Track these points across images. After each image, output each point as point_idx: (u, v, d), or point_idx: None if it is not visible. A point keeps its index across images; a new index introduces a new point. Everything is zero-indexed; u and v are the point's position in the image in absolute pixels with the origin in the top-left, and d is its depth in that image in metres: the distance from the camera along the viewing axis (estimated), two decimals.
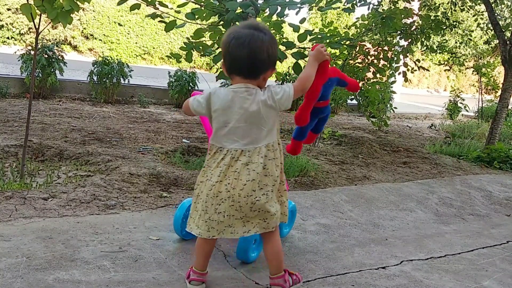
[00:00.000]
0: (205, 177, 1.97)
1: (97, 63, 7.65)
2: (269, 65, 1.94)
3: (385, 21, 5.08)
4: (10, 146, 3.94)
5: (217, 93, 1.94)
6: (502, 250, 3.04)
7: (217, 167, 1.93)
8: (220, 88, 1.99)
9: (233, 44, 1.88)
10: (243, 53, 1.87)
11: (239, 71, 1.91)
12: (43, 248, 2.22)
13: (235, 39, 1.89)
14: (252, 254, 2.33)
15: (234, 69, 1.92)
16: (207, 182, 1.95)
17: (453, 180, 4.64)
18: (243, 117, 1.90)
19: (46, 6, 2.90)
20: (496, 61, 12.00)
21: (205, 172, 1.98)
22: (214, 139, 1.97)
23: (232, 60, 1.91)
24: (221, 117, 1.92)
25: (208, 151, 2.00)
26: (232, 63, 1.92)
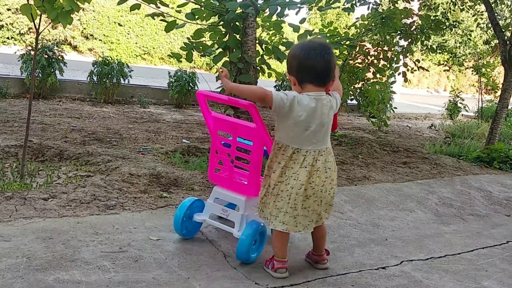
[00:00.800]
0: (284, 177, 2.16)
1: (97, 63, 7.65)
2: (334, 74, 2.19)
3: (384, 21, 5.09)
4: (10, 147, 3.94)
5: (301, 100, 2.11)
6: (502, 250, 3.04)
7: (301, 167, 2.14)
8: (301, 95, 2.13)
9: (312, 55, 2.10)
10: (320, 63, 2.10)
11: (315, 79, 2.13)
12: (43, 248, 2.22)
13: (312, 50, 2.11)
14: (252, 255, 2.33)
15: (310, 77, 2.13)
16: (292, 182, 2.14)
17: (453, 180, 4.64)
18: (322, 121, 2.15)
19: (47, 7, 2.90)
20: (496, 61, 12.01)
21: (283, 172, 2.16)
22: (292, 141, 2.15)
23: (309, 69, 2.11)
24: (303, 122, 2.12)
25: (279, 151, 2.18)
26: (309, 72, 2.12)
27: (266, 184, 2.24)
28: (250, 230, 2.28)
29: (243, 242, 2.26)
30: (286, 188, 2.15)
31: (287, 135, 2.16)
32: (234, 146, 2.38)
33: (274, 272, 2.22)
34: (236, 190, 2.43)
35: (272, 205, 2.19)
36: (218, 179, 2.51)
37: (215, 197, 2.49)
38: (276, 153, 2.20)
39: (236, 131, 2.35)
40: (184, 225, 2.48)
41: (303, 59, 2.12)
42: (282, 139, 2.18)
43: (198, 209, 2.54)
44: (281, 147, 2.17)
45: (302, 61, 2.12)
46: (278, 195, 2.17)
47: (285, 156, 2.15)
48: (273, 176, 2.19)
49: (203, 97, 2.36)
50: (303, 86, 2.14)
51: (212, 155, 2.52)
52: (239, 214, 2.39)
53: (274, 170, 2.19)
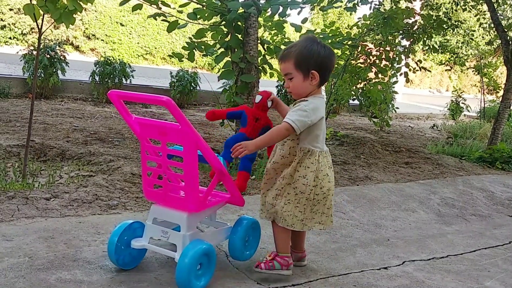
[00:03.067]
0: (317, 181, 2.13)
1: (99, 63, 7.66)
2: None
3: (386, 21, 5.08)
4: (12, 146, 3.95)
5: (321, 104, 2.14)
6: (504, 250, 3.03)
7: (328, 168, 2.17)
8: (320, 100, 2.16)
9: (334, 57, 2.16)
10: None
11: (326, 81, 2.22)
12: (45, 248, 2.22)
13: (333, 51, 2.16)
14: (197, 283, 1.99)
15: (326, 80, 2.19)
16: (326, 184, 2.15)
17: (455, 181, 4.63)
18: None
19: (49, 7, 2.91)
20: (498, 61, 11.98)
21: (316, 176, 2.12)
22: (317, 144, 2.15)
23: (330, 71, 2.16)
24: (323, 124, 2.15)
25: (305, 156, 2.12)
26: (328, 75, 2.17)
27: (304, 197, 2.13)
28: (191, 251, 1.91)
29: (181, 268, 1.89)
30: (318, 192, 2.15)
31: (317, 139, 2.15)
32: (164, 154, 2.03)
33: (286, 270, 2.18)
34: (174, 206, 2.07)
35: (307, 210, 2.15)
36: (154, 195, 2.13)
37: (153, 217, 2.12)
38: (301, 160, 2.13)
39: (165, 135, 1.98)
40: (123, 253, 2.09)
41: (332, 61, 2.15)
42: (314, 145, 2.15)
43: (139, 231, 2.15)
44: (311, 152, 2.14)
45: (332, 63, 2.15)
46: (314, 199, 2.15)
47: (310, 159, 2.13)
48: (304, 182, 2.12)
49: (116, 98, 2.00)
50: (321, 86, 2.18)
51: (144, 167, 2.14)
52: (180, 235, 2.01)
53: (305, 176, 2.12)
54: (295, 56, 2.09)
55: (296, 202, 2.13)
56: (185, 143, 1.93)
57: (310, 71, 2.09)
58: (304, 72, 2.09)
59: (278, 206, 2.15)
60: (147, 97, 1.90)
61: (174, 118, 1.84)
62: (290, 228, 2.14)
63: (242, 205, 2.32)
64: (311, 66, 2.08)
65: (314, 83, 2.11)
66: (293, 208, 2.13)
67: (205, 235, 2.17)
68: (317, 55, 2.09)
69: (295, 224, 2.14)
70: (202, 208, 2.09)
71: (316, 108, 2.09)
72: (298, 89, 2.13)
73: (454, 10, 8.57)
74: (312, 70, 2.09)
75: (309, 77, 2.10)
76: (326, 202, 2.18)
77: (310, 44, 2.10)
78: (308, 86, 2.11)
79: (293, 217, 2.13)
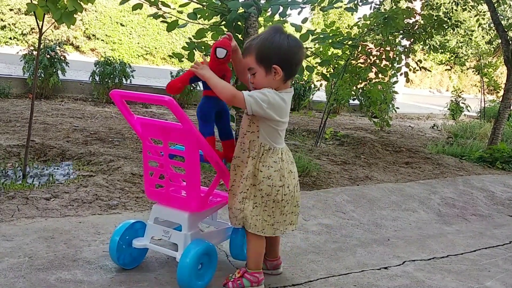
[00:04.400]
0: (283, 180, 2.00)
1: (99, 63, 7.66)
2: None
3: (387, 21, 5.07)
4: (12, 146, 3.95)
5: (288, 100, 2.00)
6: (504, 250, 3.03)
7: (291, 163, 2.06)
8: (287, 94, 2.00)
9: (303, 49, 1.99)
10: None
11: (293, 76, 2.04)
12: (45, 248, 2.22)
13: (300, 43, 1.99)
14: (198, 282, 2.04)
15: (293, 74, 2.02)
16: (292, 181, 2.03)
17: (456, 181, 4.63)
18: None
19: (50, 7, 2.91)
20: (498, 61, 11.98)
21: (282, 175, 2.00)
22: (279, 141, 2.02)
23: (297, 65, 2.00)
24: (286, 118, 2.02)
25: (267, 154, 1.99)
26: (296, 68, 2.00)
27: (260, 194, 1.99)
28: (193, 251, 1.92)
29: (183, 267, 1.89)
30: (286, 192, 2.01)
31: (278, 137, 2.01)
32: (166, 154, 2.02)
33: (257, 287, 2.05)
34: (175, 206, 2.07)
35: (276, 212, 2.01)
36: (156, 194, 2.13)
37: (154, 216, 2.12)
38: (263, 158, 1.99)
39: (167, 135, 1.98)
40: (124, 253, 2.10)
41: (297, 53, 1.96)
42: (277, 142, 2.01)
43: (141, 231, 2.15)
44: (275, 151, 2.00)
45: (297, 56, 1.97)
46: (283, 200, 2.00)
47: (274, 158, 1.98)
48: (269, 183, 1.97)
49: (118, 98, 1.99)
50: (287, 81, 2.00)
51: (146, 167, 2.13)
52: (181, 234, 2.01)
53: (269, 177, 1.97)
54: (256, 49, 1.93)
55: (264, 205, 1.98)
56: (186, 143, 1.93)
57: (272, 66, 1.92)
58: (266, 67, 1.93)
59: (247, 210, 1.99)
60: (149, 97, 1.90)
61: (176, 118, 1.83)
62: (261, 234, 2.00)
63: None
64: (273, 60, 1.92)
65: (277, 78, 1.94)
66: (261, 212, 1.98)
67: (206, 235, 2.16)
68: (278, 48, 1.92)
69: (265, 229, 1.99)
70: (204, 208, 2.08)
71: (277, 102, 1.93)
72: (262, 84, 1.96)
73: (454, 10, 8.57)
74: (274, 65, 1.92)
75: (271, 72, 1.93)
76: (293, 200, 2.04)
77: (272, 36, 1.93)
78: (272, 81, 1.95)
79: (262, 221, 1.99)
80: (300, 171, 4.08)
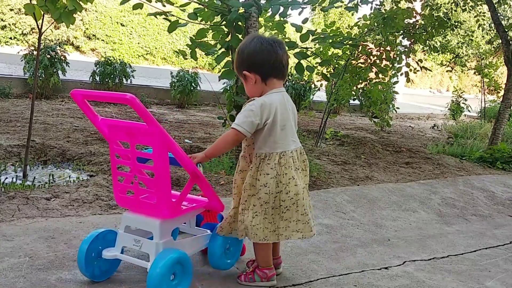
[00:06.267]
0: (281, 186, 1.98)
1: (100, 63, 7.67)
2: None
3: (387, 21, 5.08)
4: (13, 146, 3.95)
5: (270, 100, 1.96)
6: (505, 250, 3.03)
7: (295, 170, 2.01)
8: (268, 96, 1.99)
9: (276, 48, 1.97)
10: (286, 57, 2.01)
11: (281, 74, 2.02)
12: (46, 248, 2.22)
13: (274, 42, 1.98)
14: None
15: (277, 72, 2.00)
16: (292, 188, 1.98)
17: (456, 181, 4.63)
18: (293, 117, 2.05)
19: (49, 6, 2.91)
20: (498, 62, 11.98)
21: (279, 181, 1.97)
22: (277, 145, 1.98)
23: (274, 62, 1.97)
24: (279, 121, 1.97)
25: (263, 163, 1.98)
26: (274, 66, 1.98)
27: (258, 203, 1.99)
28: (163, 260, 1.79)
29: (152, 277, 1.75)
30: (285, 198, 1.98)
31: (269, 142, 1.98)
32: (133, 157, 1.90)
33: (267, 282, 2.09)
34: (146, 213, 1.94)
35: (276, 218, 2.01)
36: (126, 201, 2.00)
37: (125, 225, 1.99)
38: (260, 167, 1.99)
39: (133, 137, 1.86)
40: (94, 264, 1.96)
41: (267, 53, 1.96)
42: (269, 147, 1.98)
43: (112, 242, 2.02)
44: (266, 156, 1.98)
45: (267, 55, 1.96)
46: (281, 206, 1.99)
47: (269, 165, 1.97)
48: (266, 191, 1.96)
49: (80, 98, 1.89)
50: (268, 82, 1.99)
51: (114, 172, 2.01)
52: (153, 243, 1.89)
53: (265, 184, 1.97)
54: (234, 64, 2.05)
55: (263, 213, 1.98)
56: (154, 144, 1.81)
57: (243, 73, 1.99)
58: (241, 75, 2.01)
59: (247, 221, 2.00)
60: (111, 95, 1.81)
61: (141, 117, 1.72)
62: (264, 242, 2.01)
63: (222, 210, 2.20)
64: (242, 67, 1.99)
65: (253, 82, 1.98)
66: (261, 220, 1.99)
67: (181, 243, 2.03)
68: (242, 55, 1.99)
69: (267, 237, 2.00)
70: (176, 214, 1.96)
71: (264, 106, 1.93)
72: (249, 92, 2.04)
73: (454, 10, 8.57)
74: (244, 71, 1.98)
75: (247, 79, 1.99)
76: (298, 208, 2.01)
77: (241, 45, 2.02)
78: (253, 86, 1.99)
79: (264, 229, 1.99)
80: None
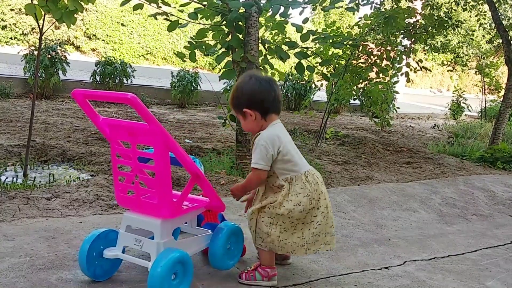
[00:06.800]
0: (314, 203, 2.05)
1: (100, 63, 7.67)
2: None
3: (387, 21, 5.07)
4: (13, 146, 3.95)
5: (274, 131, 2.09)
6: (505, 250, 3.03)
7: (321, 184, 2.11)
8: (271, 128, 2.10)
9: (273, 85, 2.11)
10: (279, 92, 2.14)
11: (278, 109, 2.15)
12: (46, 248, 2.22)
13: (270, 81, 2.12)
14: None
15: (275, 108, 2.12)
16: (323, 202, 2.08)
17: (456, 180, 4.63)
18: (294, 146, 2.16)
19: (51, 6, 2.91)
20: (499, 61, 11.97)
21: (312, 198, 2.05)
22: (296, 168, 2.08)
23: (276, 99, 2.11)
24: (291, 146, 2.10)
25: (291, 184, 2.05)
26: (276, 102, 2.11)
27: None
28: (164, 260, 1.79)
29: (153, 277, 1.76)
30: (317, 213, 2.07)
31: (287, 168, 2.08)
32: (134, 157, 1.91)
33: (268, 281, 2.12)
34: (147, 213, 1.95)
35: (308, 234, 2.08)
36: (127, 201, 2.01)
37: (126, 224, 2.00)
38: (290, 189, 2.05)
39: (134, 137, 1.86)
40: (96, 263, 1.97)
41: (266, 91, 2.09)
42: (286, 174, 2.07)
43: (114, 242, 2.03)
44: (291, 180, 2.06)
45: (266, 93, 2.09)
46: (312, 221, 2.07)
47: (302, 184, 2.06)
48: (300, 209, 2.04)
49: (81, 97, 1.87)
50: (267, 118, 2.11)
51: (115, 171, 2.03)
52: (154, 243, 1.90)
53: (299, 203, 2.04)
54: (230, 100, 2.16)
55: (293, 229, 2.06)
56: (155, 144, 1.81)
57: (243, 110, 2.09)
58: (240, 113, 2.11)
59: (274, 235, 2.06)
60: (112, 95, 1.80)
61: (141, 117, 1.72)
62: (291, 254, 2.11)
63: (223, 210, 2.22)
64: (242, 105, 2.09)
65: (253, 119, 2.09)
66: (290, 235, 2.06)
67: (182, 243, 2.03)
68: (241, 94, 2.09)
69: (295, 251, 2.08)
70: (177, 214, 1.96)
71: (272, 138, 2.05)
72: (249, 128, 2.15)
73: (454, 10, 8.57)
74: (244, 109, 2.08)
75: (247, 116, 2.09)
76: (328, 221, 2.10)
77: (239, 84, 2.12)
78: (253, 122, 2.10)
79: (292, 244, 2.06)
80: None
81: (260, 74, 2.18)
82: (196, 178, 2.00)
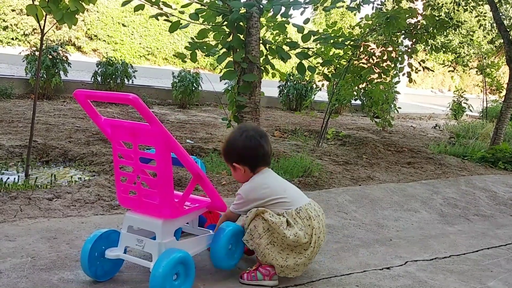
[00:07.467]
0: (307, 237, 2.11)
1: (101, 63, 7.68)
2: None
3: (389, 21, 5.07)
4: (15, 147, 3.95)
5: (265, 180, 2.18)
6: (507, 250, 3.03)
7: (315, 217, 2.17)
8: (258, 179, 2.18)
9: (264, 142, 2.19)
10: (269, 148, 2.23)
11: (267, 163, 2.24)
12: (48, 248, 2.22)
13: (263, 137, 2.20)
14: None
15: (264, 162, 2.21)
16: (315, 237, 2.13)
17: (458, 181, 4.63)
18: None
19: (52, 7, 2.92)
20: (500, 61, 11.96)
21: (306, 232, 2.11)
22: (284, 206, 2.13)
23: (266, 155, 2.20)
24: (278, 187, 2.19)
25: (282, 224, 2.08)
26: (265, 157, 2.20)
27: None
28: (166, 260, 1.80)
29: (155, 277, 1.77)
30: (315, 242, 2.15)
31: (279, 206, 2.14)
32: (136, 157, 1.92)
33: (269, 281, 2.13)
34: (148, 213, 1.96)
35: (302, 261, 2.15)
36: (129, 201, 2.02)
37: (128, 224, 2.01)
38: (284, 223, 2.09)
39: (136, 137, 1.87)
40: (97, 263, 1.97)
41: (255, 148, 2.16)
42: (278, 211, 2.12)
43: (116, 242, 2.04)
44: (284, 216, 2.11)
45: (255, 150, 2.17)
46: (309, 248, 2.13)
47: (292, 220, 2.11)
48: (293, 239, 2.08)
49: (83, 98, 1.87)
50: (256, 171, 2.19)
51: (117, 172, 2.04)
52: (155, 243, 1.90)
53: (295, 234, 2.08)
54: (222, 152, 2.26)
55: (281, 249, 2.11)
56: (156, 145, 1.82)
57: (233, 164, 2.19)
58: (231, 165, 2.21)
59: (263, 242, 2.10)
60: (113, 96, 1.81)
61: (143, 117, 1.73)
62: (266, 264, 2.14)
63: (225, 210, 2.23)
64: (233, 159, 2.19)
65: (242, 173, 2.18)
66: (276, 252, 2.11)
67: (183, 243, 2.04)
68: (232, 149, 2.19)
69: (298, 272, 2.16)
70: (178, 214, 1.97)
71: (250, 190, 2.14)
72: (238, 179, 2.26)
73: (455, 10, 8.57)
74: (234, 163, 2.18)
75: (236, 169, 2.19)
76: (312, 255, 2.15)
77: (230, 138, 2.21)
78: (242, 174, 2.19)
79: (274, 258, 2.11)
80: (302, 172, 4.08)
81: (252, 129, 2.24)
82: (197, 179, 2.01)
